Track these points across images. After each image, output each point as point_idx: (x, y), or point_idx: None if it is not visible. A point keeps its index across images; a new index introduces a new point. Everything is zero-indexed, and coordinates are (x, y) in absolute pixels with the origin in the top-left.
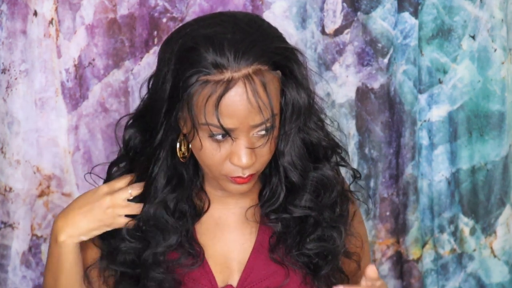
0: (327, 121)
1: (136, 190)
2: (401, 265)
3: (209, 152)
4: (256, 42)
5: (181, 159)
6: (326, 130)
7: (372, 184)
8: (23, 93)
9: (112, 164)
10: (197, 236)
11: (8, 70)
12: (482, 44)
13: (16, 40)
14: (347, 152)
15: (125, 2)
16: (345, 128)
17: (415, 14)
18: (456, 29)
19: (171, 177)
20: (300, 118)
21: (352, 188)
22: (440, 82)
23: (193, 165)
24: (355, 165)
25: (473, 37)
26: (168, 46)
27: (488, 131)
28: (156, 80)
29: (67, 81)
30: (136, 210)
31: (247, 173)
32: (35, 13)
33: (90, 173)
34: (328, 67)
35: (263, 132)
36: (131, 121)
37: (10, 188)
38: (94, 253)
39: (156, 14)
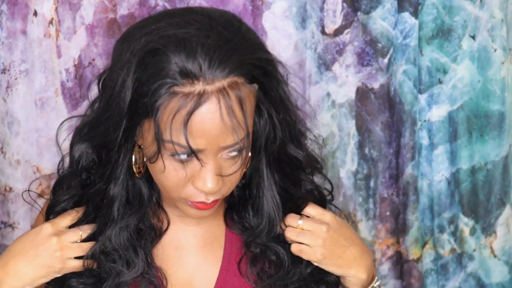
0: (313, 131)
1: (86, 232)
2: (401, 265)
3: (171, 173)
4: (234, 50)
5: (137, 174)
6: (305, 148)
7: (372, 184)
8: (23, 93)
9: (58, 184)
10: (156, 262)
11: (8, 70)
12: (482, 44)
13: (16, 40)
14: (323, 174)
15: (125, 2)
16: (345, 128)
17: (415, 14)
18: (456, 29)
19: (131, 196)
20: (276, 141)
21: (352, 189)
22: (440, 82)
23: (148, 179)
24: (355, 165)
25: (473, 37)
26: (127, 44)
27: (488, 131)
28: (111, 83)
29: (67, 81)
30: (88, 250)
31: (211, 198)
32: (35, 13)
33: (29, 190)
34: (328, 67)
35: (234, 154)
36: (81, 133)
37: (10, 188)
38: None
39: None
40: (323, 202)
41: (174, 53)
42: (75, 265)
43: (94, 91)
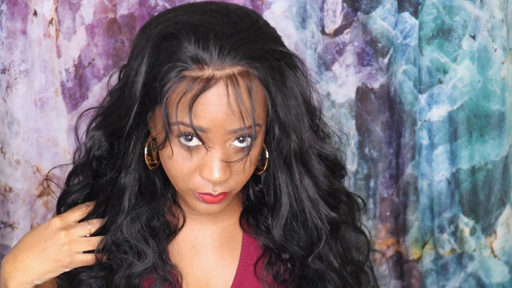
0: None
1: (95, 226)
2: (401, 265)
3: (178, 160)
4: (247, 39)
5: (149, 167)
6: (332, 147)
7: (372, 184)
8: (23, 93)
9: (72, 174)
10: (172, 260)
11: (8, 70)
12: (482, 44)
13: (16, 40)
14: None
15: (125, 2)
16: (345, 128)
17: (415, 14)
18: (456, 29)
19: (143, 186)
20: (290, 138)
21: (352, 189)
22: (440, 82)
23: (163, 174)
24: (355, 165)
25: (473, 37)
26: (145, 32)
27: (488, 131)
28: (127, 70)
29: (67, 81)
30: (97, 244)
31: (218, 190)
32: (35, 13)
33: (47, 179)
34: (328, 67)
35: (242, 145)
36: (94, 122)
37: (10, 188)
38: (50, 283)
39: (156, 14)
40: (352, 210)
41: (185, 37)
42: (84, 259)
43: (93, 87)
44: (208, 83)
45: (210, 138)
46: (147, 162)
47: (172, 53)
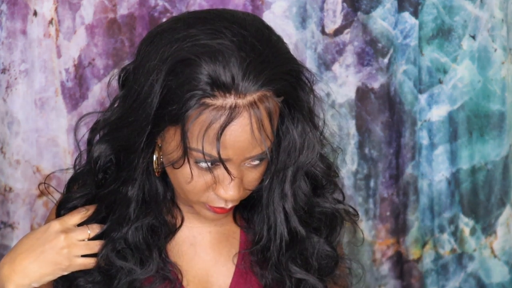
0: (328, 135)
1: (94, 231)
2: (401, 265)
3: (192, 178)
4: (267, 63)
5: (157, 174)
6: (327, 160)
7: (372, 184)
8: (23, 93)
9: (73, 180)
10: (171, 259)
11: (8, 70)
12: (482, 44)
13: (16, 40)
14: (337, 185)
15: (125, 2)
16: (345, 128)
17: (415, 14)
18: (456, 29)
19: (147, 195)
20: (299, 155)
21: (352, 189)
22: (440, 82)
23: (163, 177)
24: (355, 165)
25: (473, 37)
26: (155, 47)
27: (488, 131)
28: (137, 86)
29: (67, 81)
30: (96, 248)
31: (230, 204)
32: (35, 13)
33: (45, 183)
34: (328, 67)
35: (256, 162)
36: (102, 133)
37: (10, 188)
38: (46, 287)
39: (156, 14)
40: (335, 222)
41: (208, 64)
42: (82, 263)
43: (93, 87)
44: (232, 113)
45: (228, 163)
46: (155, 170)
47: (192, 78)
